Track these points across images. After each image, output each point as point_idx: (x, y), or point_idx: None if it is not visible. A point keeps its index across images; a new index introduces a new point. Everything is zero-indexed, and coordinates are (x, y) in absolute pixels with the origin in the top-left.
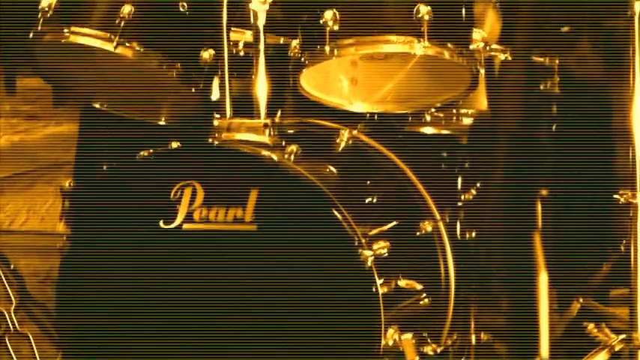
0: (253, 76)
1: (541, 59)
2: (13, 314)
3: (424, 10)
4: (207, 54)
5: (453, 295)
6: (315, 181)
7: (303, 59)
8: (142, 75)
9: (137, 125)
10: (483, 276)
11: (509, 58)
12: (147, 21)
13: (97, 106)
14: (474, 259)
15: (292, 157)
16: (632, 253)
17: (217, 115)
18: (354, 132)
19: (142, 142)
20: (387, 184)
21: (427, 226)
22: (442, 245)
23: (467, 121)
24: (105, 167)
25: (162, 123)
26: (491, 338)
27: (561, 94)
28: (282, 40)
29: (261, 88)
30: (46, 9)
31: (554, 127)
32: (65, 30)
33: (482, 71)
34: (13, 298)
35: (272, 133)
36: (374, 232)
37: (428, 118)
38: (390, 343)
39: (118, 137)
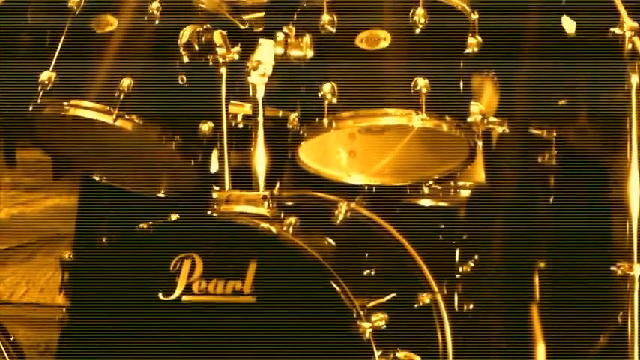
0: (252, 149)
1: (539, 132)
2: None
3: (422, 83)
4: (206, 126)
5: None
6: (313, 253)
7: (301, 132)
8: (141, 147)
9: (136, 197)
10: (481, 348)
11: (507, 131)
12: (146, 94)
13: (97, 178)
14: (472, 331)
15: (291, 229)
16: (629, 325)
17: (216, 188)
18: (353, 204)
19: (142, 214)
20: (385, 256)
21: (425, 298)
22: (440, 317)
23: (464, 193)
24: (104, 239)
25: (161, 195)
26: None
27: (559, 167)
28: (280, 113)
29: (260, 160)
30: (46, 82)
31: (551, 200)
32: (65, 103)
33: (480, 144)
34: None
35: (270, 205)
36: (372, 304)
37: (426, 190)
38: None
39: (118, 209)
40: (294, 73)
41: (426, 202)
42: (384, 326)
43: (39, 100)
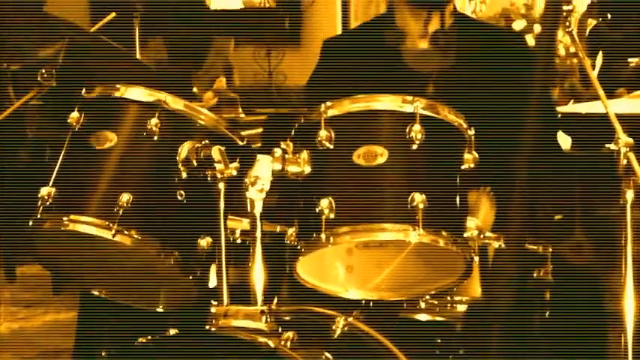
0: (250, 264)
1: (534, 247)
2: None
3: (419, 199)
4: (204, 242)
5: None
6: None
7: (299, 247)
8: (140, 262)
9: (135, 312)
10: None
11: (503, 246)
12: (145, 209)
13: (96, 293)
14: None
15: (289, 343)
16: None
17: (214, 302)
18: (350, 319)
19: (140, 328)
20: None
21: None
22: None
23: (461, 308)
24: (104, 354)
25: (160, 310)
26: None
27: (555, 282)
28: (278, 229)
29: (258, 275)
30: (46, 197)
31: (547, 314)
32: (64, 218)
33: (477, 259)
34: None
35: (269, 319)
36: None
37: (422, 304)
38: None
39: (117, 324)
40: (292, 189)
41: (422, 317)
42: None
43: (38, 216)
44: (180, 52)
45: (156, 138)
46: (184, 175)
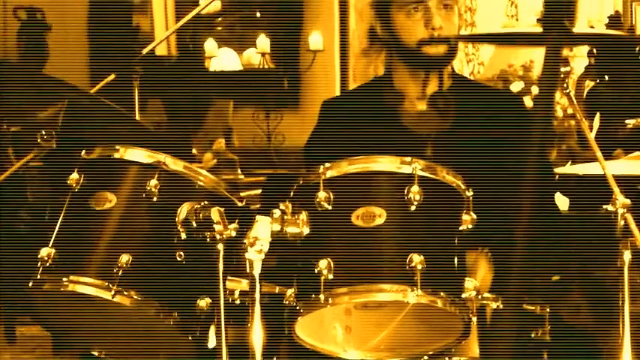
0: (249, 324)
1: (532, 308)
2: None
3: (417, 260)
4: (203, 302)
5: None
6: None
7: (298, 308)
8: (139, 323)
9: None
10: None
11: (501, 307)
12: (144, 270)
13: (96, 353)
14: None
15: None
16: None
17: None
18: None
19: None
20: None
21: None
22: None
23: None
24: None
25: None
26: None
27: (552, 342)
28: (277, 289)
29: (257, 335)
30: (45, 258)
31: None
32: (64, 279)
33: (475, 319)
34: None
35: None
36: None
37: None
38: None
39: None
40: (291, 250)
41: None
42: None
43: (38, 276)
44: (179, 113)
45: (155, 199)
46: (184, 235)
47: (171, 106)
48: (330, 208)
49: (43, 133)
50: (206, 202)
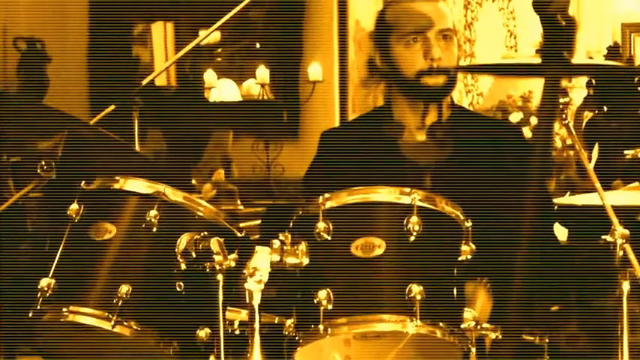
0: (249, 355)
1: (531, 338)
2: None
3: (416, 290)
4: (203, 333)
5: None
6: None
7: (297, 338)
8: (139, 353)
9: None
10: None
11: (500, 337)
12: (144, 300)
13: None
14: None
15: None
16: None
17: None
18: None
19: None
20: None
21: None
22: None
23: None
24: None
25: None
26: None
27: None
28: (277, 320)
29: None
30: (45, 288)
31: None
32: (64, 309)
33: (474, 350)
34: None
35: None
36: None
37: None
38: None
39: None
40: (291, 280)
41: None
42: None
43: (38, 307)
44: (179, 143)
45: (155, 229)
46: (183, 266)
47: (171, 136)
48: (329, 238)
49: (43, 163)
50: (206, 233)
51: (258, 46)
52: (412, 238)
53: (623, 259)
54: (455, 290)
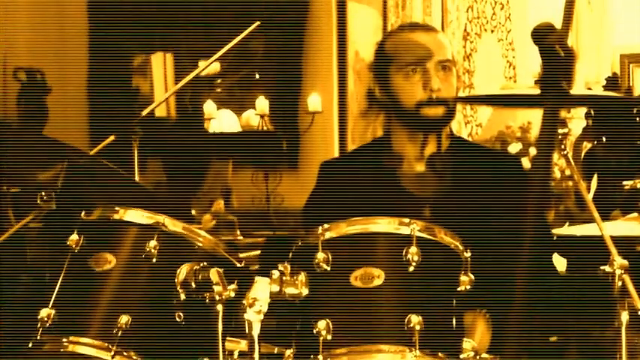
0: None
1: None
2: None
3: (415, 320)
4: None
5: None
6: None
7: None
8: None
9: None
10: None
11: None
12: (144, 330)
13: None
14: None
15: None
16: None
17: None
18: None
19: None
20: None
21: None
22: None
23: None
24: None
25: None
26: None
27: None
28: (276, 350)
29: None
30: (45, 319)
31: None
32: (64, 339)
33: None
34: None
35: None
36: None
37: None
38: None
39: None
40: (290, 311)
41: None
42: None
43: (38, 337)
44: (178, 174)
45: (155, 260)
46: (183, 296)
47: (171, 167)
48: (328, 269)
49: (43, 194)
50: (205, 263)
51: (257, 76)
52: (411, 269)
53: (622, 290)
54: (454, 320)
